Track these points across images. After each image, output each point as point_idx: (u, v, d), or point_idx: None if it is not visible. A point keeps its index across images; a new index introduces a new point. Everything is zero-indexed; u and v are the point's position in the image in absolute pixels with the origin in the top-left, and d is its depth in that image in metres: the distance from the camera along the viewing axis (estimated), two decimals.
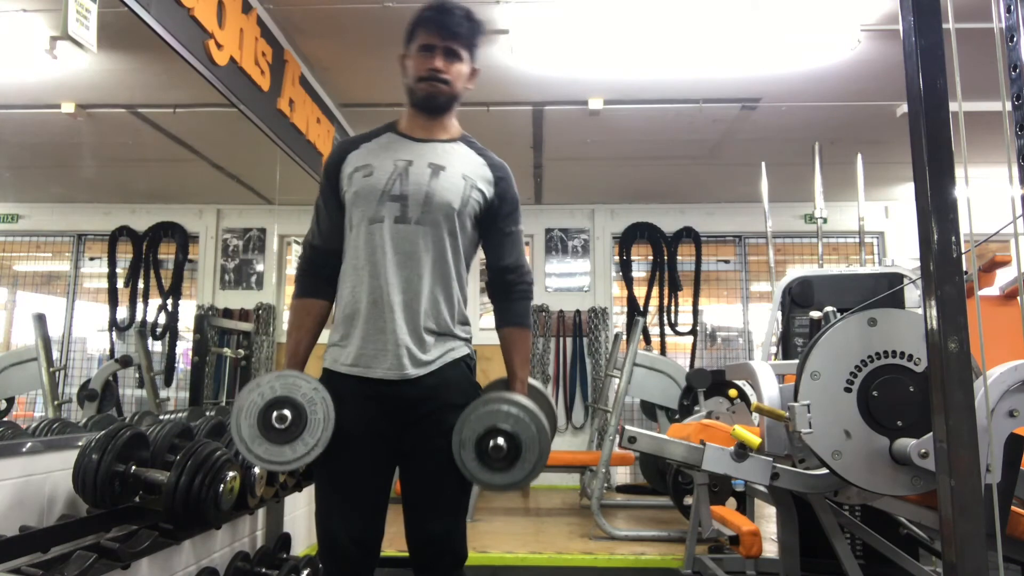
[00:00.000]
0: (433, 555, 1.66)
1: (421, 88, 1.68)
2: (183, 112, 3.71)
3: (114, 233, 4.38)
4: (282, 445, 1.52)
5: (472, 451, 1.55)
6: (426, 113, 1.72)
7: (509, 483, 1.56)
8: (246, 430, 1.52)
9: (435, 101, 1.69)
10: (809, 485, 1.99)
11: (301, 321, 1.72)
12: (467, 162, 1.72)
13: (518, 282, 1.76)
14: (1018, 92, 1.31)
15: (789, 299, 3.49)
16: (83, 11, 1.95)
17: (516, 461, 1.54)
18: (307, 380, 1.56)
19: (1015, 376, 1.58)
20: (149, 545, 1.90)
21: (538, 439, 1.55)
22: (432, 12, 1.67)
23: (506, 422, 1.54)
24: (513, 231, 1.77)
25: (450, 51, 1.67)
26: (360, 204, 1.65)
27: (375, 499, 1.65)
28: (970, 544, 1.28)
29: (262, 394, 1.52)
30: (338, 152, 1.74)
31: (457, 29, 1.66)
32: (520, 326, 1.75)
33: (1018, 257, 1.46)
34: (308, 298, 1.73)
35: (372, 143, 1.73)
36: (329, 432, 1.54)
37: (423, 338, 1.62)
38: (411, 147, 1.70)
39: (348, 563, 1.62)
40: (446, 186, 1.65)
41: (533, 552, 3.84)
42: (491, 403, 1.58)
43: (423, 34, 1.67)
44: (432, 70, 1.66)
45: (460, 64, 1.69)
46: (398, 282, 1.61)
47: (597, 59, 3.74)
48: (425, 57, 1.67)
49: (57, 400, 3.22)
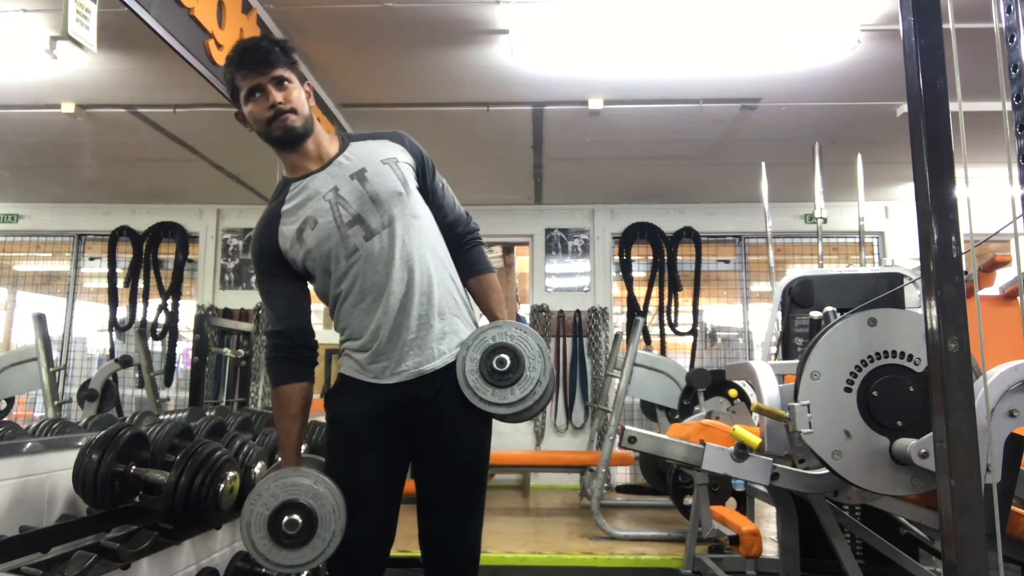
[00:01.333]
0: (446, 556, 1.65)
1: (275, 130, 1.63)
2: (183, 112, 3.71)
3: (114, 233, 4.38)
4: (300, 548, 1.50)
5: (477, 372, 1.59)
6: (295, 147, 1.66)
7: (519, 397, 1.59)
8: (260, 544, 1.51)
9: (294, 133, 1.64)
10: (809, 485, 1.99)
11: (286, 410, 1.67)
12: (374, 150, 1.70)
13: (465, 232, 1.79)
14: (1018, 92, 1.30)
15: (789, 299, 3.49)
16: (83, 11, 1.95)
17: (522, 374, 1.59)
18: (305, 476, 1.54)
19: (1015, 376, 1.58)
20: (149, 545, 1.90)
21: (540, 351, 1.61)
22: (240, 56, 1.63)
23: (506, 338, 1.61)
24: (441, 185, 1.79)
25: (278, 80, 1.62)
26: (326, 252, 1.62)
27: (386, 503, 1.65)
28: (970, 544, 1.28)
29: (265, 504, 1.51)
30: (264, 235, 1.68)
31: (271, 58, 1.61)
32: (483, 272, 1.78)
33: (1018, 257, 1.46)
34: (286, 385, 1.68)
35: (287, 205, 1.67)
36: (343, 520, 1.52)
37: (434, 327, 1.63)
38: (321, 178, 1.66)
39: (357, 566, 1.62)
40: (379, 180, 1.64)
41: (533, 552, 3.84)
42: (488, 329, 1.63)
43: (244, 80, 1.62)
44: (273, 107, 1.61)
45: (293, 87, 1.65)
46: (397, 289, 1.61)
47: (597, 59, 3.74)
48: (259, 100, 1.62)
49: (57, 400, 3.22)
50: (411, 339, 1.61)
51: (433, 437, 1.63)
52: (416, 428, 1.64)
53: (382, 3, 3.16)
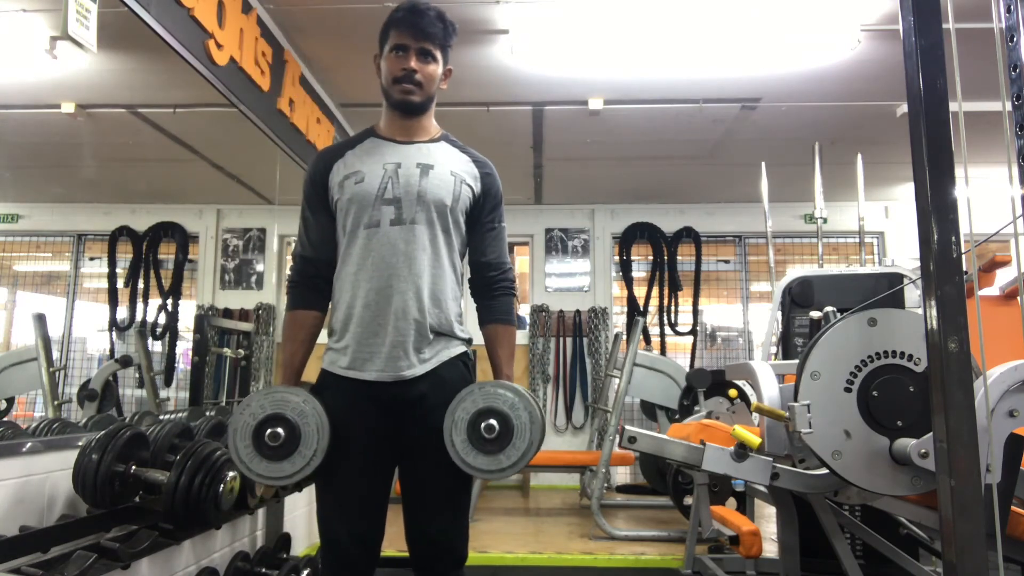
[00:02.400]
0: (433, 555, 1.66)
1: (396, 90, 1.68)
2: (183, 112, 3.71)
3: (114, 233, 4.38)
4: (280, 461, 1.54)
5: (464, 431, 1.55)
6: (403, 115, 1.72)
7: (497, 468, 1.55)
8: (243, 451, 1.54)
9: (410, 103, 1.69)
10: (809, 485, 1.99)
11: (295, 334, 1.71)
12: (453, 159, 1.73)
13: (500, 279, 1.77)
14: (1018, 92, 1.31)
15: (789, 299, 3.49)
16: (83, 11, 1.95)
17: (506, 445, 1.55)
18: (295, 393, 1.56)
19: (1015, 376, 1.58)
20: (149, 545, 1.90)
21: (530, 425, 1.56)
22: (404, 13, 1.67)
23: (503, 404, 1.56)
24: (497, 227, 1.78)
25: (423, 52, 1.67)
26: (354, 210, 1.65)
27: (375, 499, 1.65)
28: (970, 544, 1.28)
29: (253, 414, 1.54)
30: (323, 161, 1.73)
31: (430, 29, 1.66)
32: (504, 323, 1.75)
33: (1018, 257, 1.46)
34: (301, 310, 1.73)
35: (356, 149, 1.72)
36: (325, 442, 1.55)
37: (422, 337, 1.63)
38: (396, 149, 1.70)
39: (349, 563, 1.62)
40: (437, 184, 1.66)
41: (533, 552, 3.84)
42: (486, 386, 1.59)
43: (396, 35, 1.67)
44: (406, 70, 1.66)
45: (434, 65, 1.69)
46: (397, 283, 1.62)
47: (597, 59, 3.74)
48: (398, 58, 1.67)
49: (57, 400, 3.22)
50: (397, 340, 1.61)
51: (418, 437, 1.64)
52: (401, 427, 1.64)
53: (382, 3, 3.16)
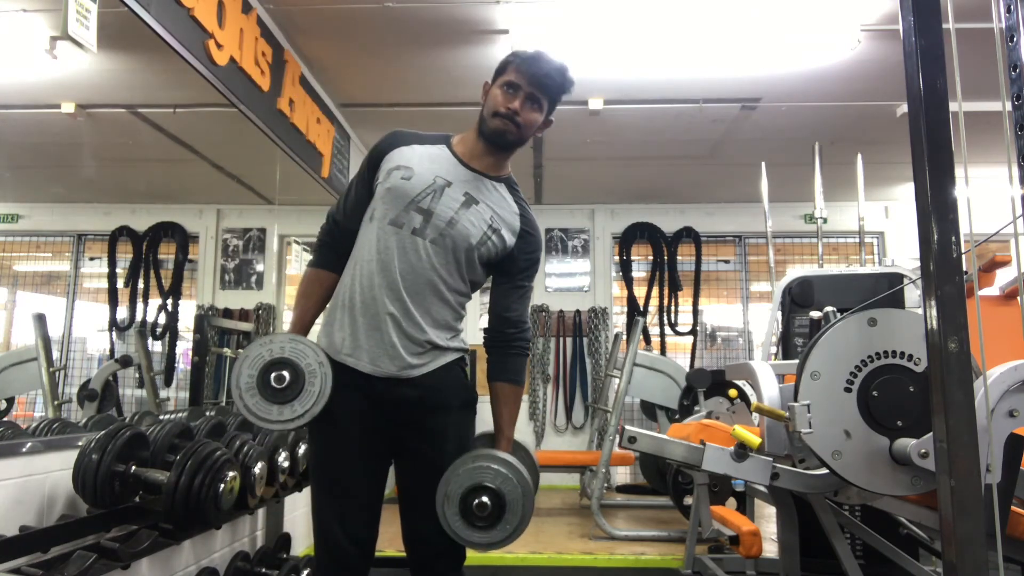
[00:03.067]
0: (430, 555, 1.66)
1: (494, 123, 1.68)
2: (183, 112, 3.71)
3: (114, 233, 4.38)
4: (272, 404, 1.56)
5: (456, 507, 1.55)
6: (487, 146, 1.72)
7: (489, 543, 1.57)
8: (244, 379, 1.56)
9: (502, 139, 1.70)
10: (809, 485, 1.99)
11: (312, 290, 1.76)
12: (501, 206, 1.72)
13: (517, 337, 1.74)
14: (1018, 92, 1.31)
15: (789, 299, 3.49)
16: (83, 11, 1.95)
17: (499, 521, 1.56)
18: (315, 351, 1.59)
19: (1015, 376, 1.58)
20: (149, 545, 1.90)
21: (522, 500, 1.56)
22: (531, 57, 1.68)
23: (493, 480, 1.56)
24: (524, 287, 1.77)
25: (533, 98, 1.68)
26: (387, 201, 1.66)
27: (369, 497, 1.66)
28: (970, 544, 1.28)
29: (271, 351, 1.57)
30: (389, 141, 1.74)
31: (546, 81, 1.68)
32: (513, 383, 1.74)
33: (1018, 257, 1.46)
34: (323, 269, 1.76)
35: (423, 148, 1.72)
36: (319, 407, 1.57)
37: (415, 347, 1.63)
38: (457, 170, 1.70)
39: (343, 561, 1.63)
40: (472, 220, 1.66)
41: (533, 552, 3.84)
42: (479, 459, 1.58)
43: (513, 72, 1.68)
44: (511, 110, 1.66)
45: (538, 113, 1.71)
46: (400, 291, 1.62)
47: (597, 59, 3.74)
48: (507, 95, 1.67)
49: (57, 400, 3.22)
50: (391, 341, 1.61)
51: (414, 436, 1.64)
52: (397, 427, 1.64)
53: (382, 3, 3.16)
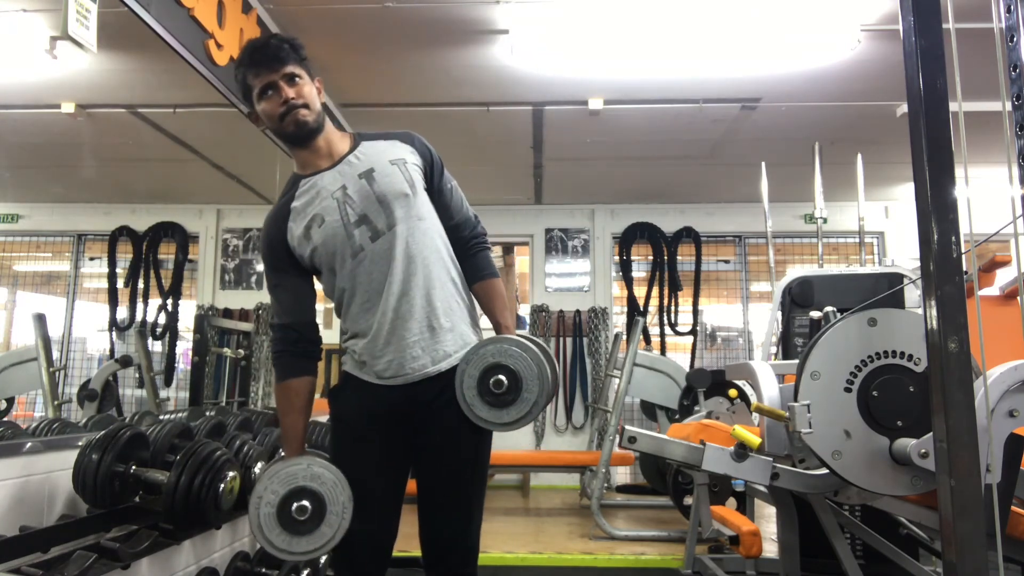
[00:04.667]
0: (445, 556, 1.66)
1: (287, 125, 1.64)
2: (183, 112, 3.71)
3: (114, 233, 4.38)
4: (318, 528, 1.53)
5: (475, 387, 1.58)
6: (307, 143, 1.68)
7: (510, 420, 1.58)
8: (279, 540, 1.53)
9: (306, 128, 1.65)
10: (809, 485, 1.99)
11: (291, 404, 1.68)
12: (384, 151, 1.71)
13: (471, 236, 1.77)
14: (1018, 92, 1.30)
15: (789, 299, 3.49)
16: (83, 11, 1.95)
17: (517, 398, 1.58)
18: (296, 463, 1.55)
19: (1015, 376, 1.58)
20: (149, 545, 1.90)
21: (539, 374, 1.58)
22: (251, 55, 1.65)
23: (508, 359, 1.58)
24: (450, 187, 1.78)
25: (289, 77, 1.64)
26: (331, 249, 1.63)
27: (389, 499, 1.66)
28: (970, 544, 1.28)
29: (269, 503, 1.53)
30: (274, 226, 1.69)
31: (281, 55, 1.63)
32: (489, 277, 1.76)
33: (1018, 257, 1.46)
34: (291, 379, 1.68)
35: (297, 200, 1.68)
36: (348, 489, 1.55)
37: (435, 332, 1.63)
38: (331, 176, 1.67)
39: (361, 562, 1.63)
40: (387, 181, 1.65)
41: (533, 552, 3.84)
42: (493, 342, 1.61)
43: (257, 78, 1.64)
44: (285, 103, 1.62)
45: (304, 83, 1.67)
46: (400, 290, 1.61)
47: (597, 59, 3.74)
48: (271, 97, 1.63)
49: (57, 400, 3.22)
50: (413, 341, 1.61)
51: (434, 437, 1.64)
52: (417, 428, 1.64)
53: (382, 3, 3.16)
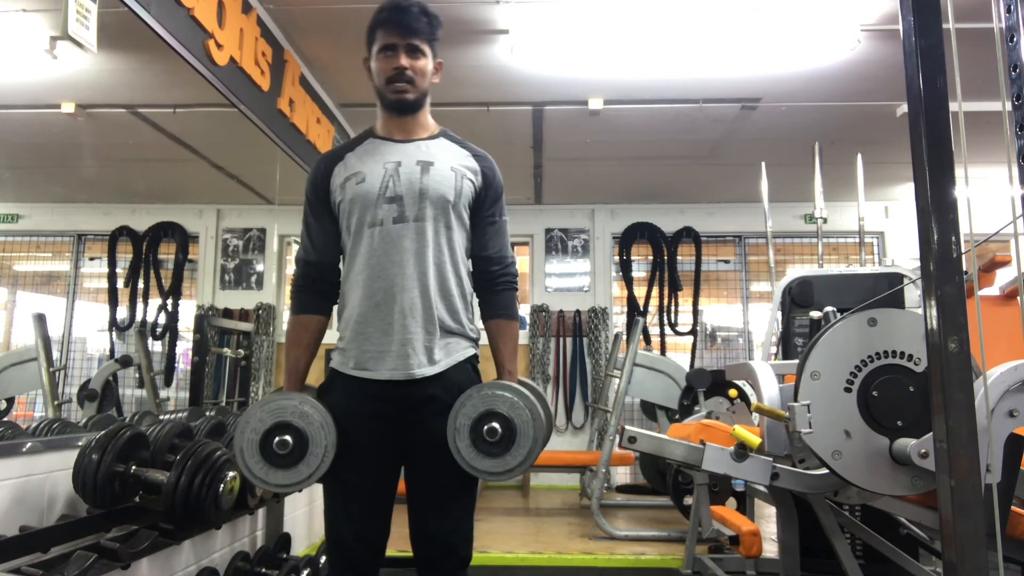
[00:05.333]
0: (436, 555, 1.66)
1: (390, 90, 1.68)
2: (183, 112, 3.71)
3: (114, 233, 4.38)
4: (295, 466, 1.54)
5: (467, 436, 1.56)
6: (399, 114, 1.72)
7: (502, 470, 1.56)
8: (256, 467, 1.54)
9: (405, 101, 1.69)
10: (809, 485, 1.99)
11: (299, 338, 1.71)
12: (452, 155, 1.73)
13: (502, 273, 1.76)
14: (1018, 92, 1.30)
15: (789, 299, 3.49)
16: (83, 11, 1.95)
17: (511, 446, 1.56)
18: (290, 397, 1.57)
19: (1015, 376, 1.58)
20: (149, 545, 1.90)
21: (533, 425, 1.56)
22: (389, 12, 1.67)
23: (503, 406, 1.56)
24: (498, 221, 1.78)
25: (412, 48, 1.67)
26: (356, 210, 1.65)
27: (381, 499, 1.66)
28: (970, 544, 1.28)
29: (255, 429, 1.54)
30: (323, 166, 1.73)
31: (416, 25, 1.66)
32: (506, 317, 1.75)
33: (1018, 257, 1.46)
34: (306, 315, 1.73)
35: (356, 151, 1.72)
36: (333, 436, 1.56)
37: (431, 335, 1.63)
38: (396, 148, 1.70)
39: (354, 562, 1.63)
40: (438, 179, 1.66)
41: (533, 552, 3.84)
42: (488, 388, 1.59)
43: (383, 35, 1.67)
44: (397, 69, 1.66)
45: (424, 60, 1.69)
46: (403, 281, 1.62)
47: (597, 59, 3.74)
48: (388, 58, 1.67)
49: (57, 400, 3.22)
50: (406, 338, 1.61)
51: (424, 437, 1.64)
52: (408, 428, 1.64)
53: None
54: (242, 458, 1.54)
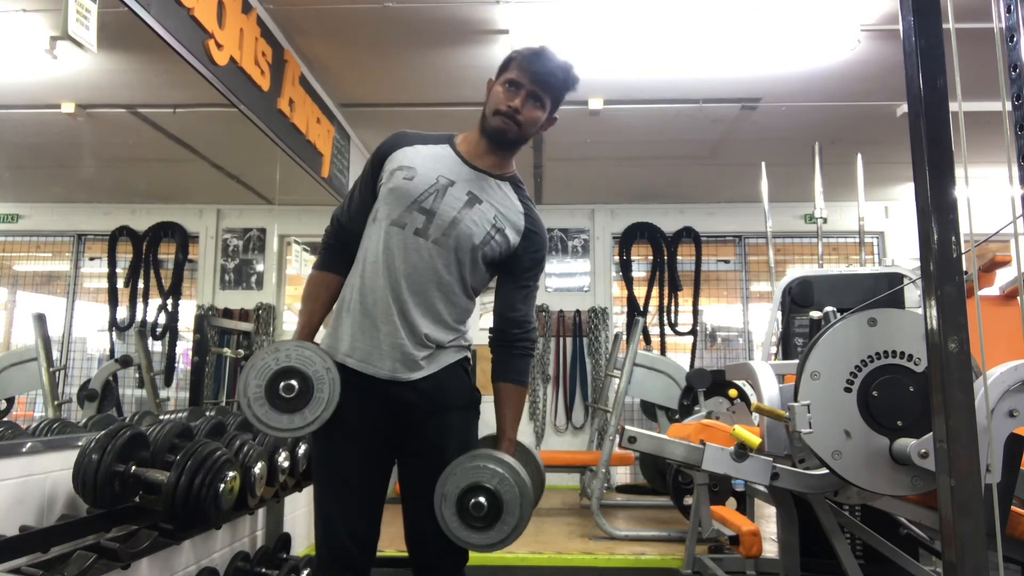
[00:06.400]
0: (432, 555, 1.66)
1: (495, 121, 1.67)
2: (183, 112, 3.71)
3: (114, 233, 4.37)
4: (281, 413, 1.56)
5: (453, 506, 1.54)
6: (489, 144, 1.71)
7: (487, 543, 1.55)
8: (253, 389, 1.55)
9: (503, 138, 1.68)
10: (809, 485, 1.99)
11: (318, 293, 1.75)
12: (506, 204, 1.71)
13: (522, 338, 1.73)
14: (1018, 92, 1.31)
15: (789, 299, 3.49)
16: (83, 11, 1.95)
17: (496, 522, 1.54)
18: (323, 358, 1.59)
19: (1015, 376, 1.58)
20: (149, 545, 1.90)
21: (520, 501, 1.54)
22: (533, 55, 1.67)
23: (490, 480, 1.54)
24: (529, 286, 1.76)
25: (535, 96, 1.67)
26: (390, 202, 1.65)
27: (371, 497, 1.66)
28: (970, 544, 1.28)
29: (277, 359, 1.56)
30: (392, 142, 1.74)
31: (549, 79, 1.66)
32: (517, 383, 1.73)
33: (1018, 257, 1.46)
34: (328, 272, 1.76)
35: (426, 148, 1.71)
36: (328, 413, 1.56)
37: (418, 347, 1.63)
38: (460, 169, 1.69)
39: (345, 561, 1.63)
40: (475, 219, 1.65)
41: (533, 552, 3.84)
42: (477, 459, 1.57)
43: (516, 70, 1.67)
44: (511, 108, 1.65)
45: (540, 111, 1.69)
46: (403, 291, 1.62)
47: (597, 59, 3.74)
48: (509, 93, 1.66)
49: (57, 400, 3.21)
50: (396, 343, 1.61)
51: (418, 437, 1.64)
52: (401, 427, 1.64)
53: (382, 3, 3.16)
54: (247, 402, 1.55)
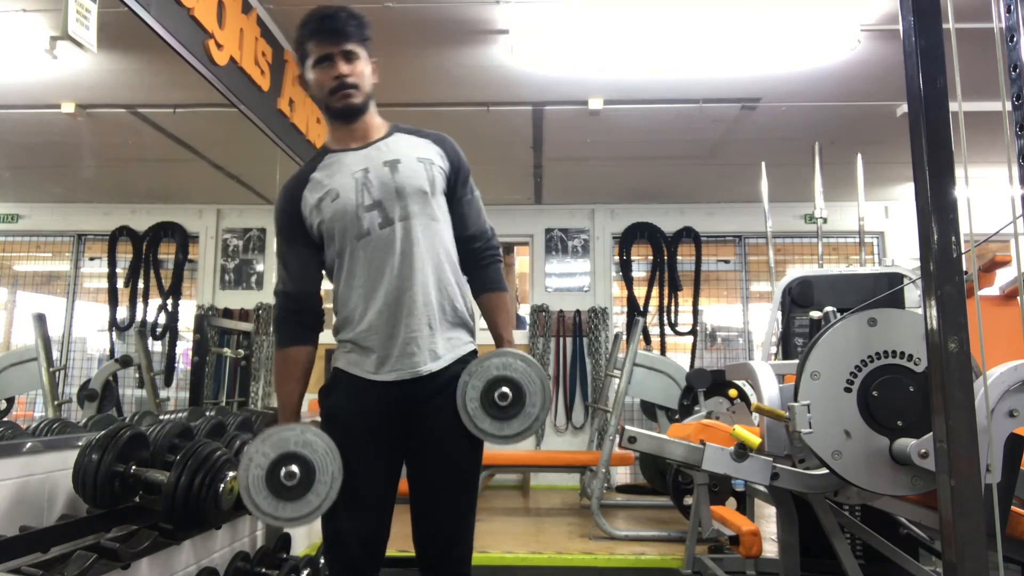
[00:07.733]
0: (438, 554, 1.66)
1: (334, 100, 1.66)
2: (183, 112, 3.71)
3: (114, 233, 4.38)
4: (304, 496, 1.52)
5: (478, 401, 1.59)
6: (349, 121, 1.70)
7: (517, 431, 1.59)
8: (265, 504, 1.51)
9: (353, 107, 1.67)
10: (809, 485, 1.99)
11: (289, 372, 1.69)
12: (413, 146, 1.72)
13: (485, 248, 1.77)
14: (1018, 92, 1.31)
15: (789, 299, 3.49)
16: (83, 11, 1.95)
17: (522, 410, 1.59)
18: (289, 429, 1.55)
19: (1015, 376, 1.58)
20: (149, 545, 1.91)
21: (541, 387, 1.60)
22: (317, 22, 1.66)
23: (510, 371, 1.60)
24: (471, 197, 1.78)
25: (348, 54, 1.65)
26: (339, 227, 1.64)
27: (381, 498, 1.65)
28: (970, 544, 1.28)
29: (259, 464, 1.52)
30: (289, 192, 1.71)
31: (347, 30, 1.65)
32: (496, 290, 1.77)
33: (1018, 257, 1.46)
34: (292, 347, 1.70)
35: (318, 171, 1.70)
36: (339, 461, 1.55)
37: (434, 330, 1.63)
38: (358, 156, 1.69)
39: (353, 562, 1.63)
40: (410, 174, 1.66)
41: (533, 552, 3.84)
42: (492, 358, 1.62)
43: (315, 46, 1.66)
44: (338, 78, 1.64)
45: (361, 63, 1.68)
46: (401, 283, 1.61)
47: (597, 59, 3.74)
48: (326, 68, 1.65)
49: (57, 400, 3.22)
50: (410, 337, 1.61)
51: (427, 437, 1.64)
52: (410, 427, 1.64)
53: (382, 3, 3.16)
54: (248, 496, 1.51)
